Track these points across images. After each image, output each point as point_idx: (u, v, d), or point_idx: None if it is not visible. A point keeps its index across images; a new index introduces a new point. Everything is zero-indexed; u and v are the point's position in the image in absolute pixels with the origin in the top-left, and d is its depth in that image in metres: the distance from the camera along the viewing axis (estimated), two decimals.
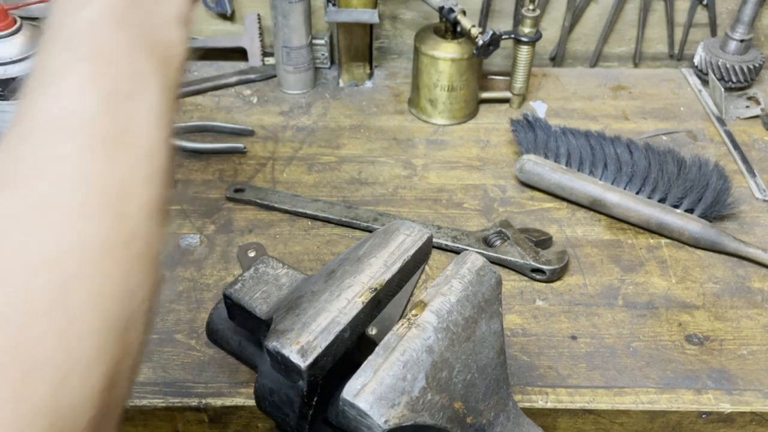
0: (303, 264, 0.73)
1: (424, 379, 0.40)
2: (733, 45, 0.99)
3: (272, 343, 0.42)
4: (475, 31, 0.88)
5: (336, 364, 0.44)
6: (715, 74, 1.00)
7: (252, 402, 0.57)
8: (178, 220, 0.79)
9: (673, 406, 0.61)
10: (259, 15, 1.04)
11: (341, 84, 1.03)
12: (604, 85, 1.05)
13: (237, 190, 0.81)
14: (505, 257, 0.72)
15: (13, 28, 0.75)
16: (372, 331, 0.65)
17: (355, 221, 0.77)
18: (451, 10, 0.90)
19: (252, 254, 0.74)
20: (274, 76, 1.03)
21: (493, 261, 0.72)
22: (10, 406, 0.23)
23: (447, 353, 0.42)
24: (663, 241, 0.78)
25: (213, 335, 0.55)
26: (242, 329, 0.52)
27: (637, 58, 1.11)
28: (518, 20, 1.04)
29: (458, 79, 0.92)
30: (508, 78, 0.99)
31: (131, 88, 0.33)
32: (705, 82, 1.04)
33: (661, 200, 0.78)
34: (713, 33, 1.09)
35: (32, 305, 0.25)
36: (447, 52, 0.91)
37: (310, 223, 0.79)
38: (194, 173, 0.86)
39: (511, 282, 0.72)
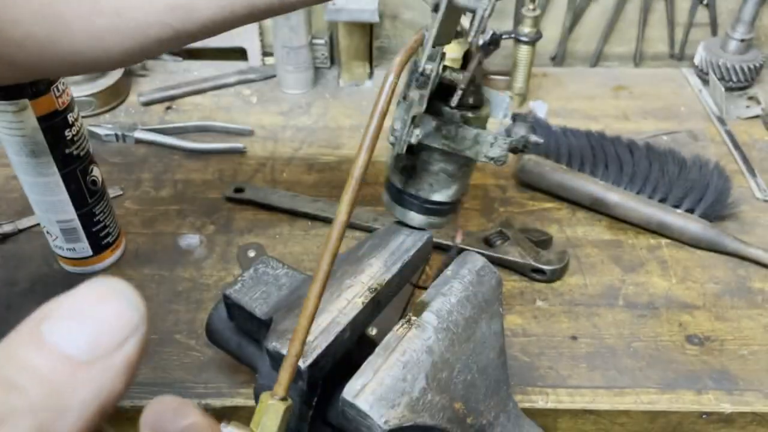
0: (303, 264, 0.73)
1: (425, 380, 0.40)
2: (733, 45, 0.99)
3: (272, 344, 0.42)
4: None
5: (336, 365, 0.44)
6: (715, 74, 1.00)
7: (252, 402, 0.57)
8: (178, 220, 0.79)
9: (673, 407, 0.60)
10: None
11: (341, 84, 1.03)
12: (605, 85, 1.05)
13: (237, 190, 0.81)
14: (505, 257, 0.72)
15: None
16: (372, 331, 0.65)
17: (355, 221, 0.77)
18: None
19: (252, 254, 0.74)
20: (274, 76, 1.03)
21: (494, 261, 0.71)
22: None
23: (447, 354, 0.41)
24: (663, 241, 0.77)
25: (212, 336, 0.55)
26: (242, 330, 0.51)
27: (638, 58, 1.11)
28: (518, 20, 1.04)
29: None
30: (508, 78, 0.99)
31: None
32: (705, 82, 1.03)
33: (662, 200, 0.78)
34: (714, 32, 1.08)
35: None
36: (447, 51, 0.90)
37: (310, 223, 0.79)
38: (194, 173, 0.86)
39: (512, 282, 0.72)
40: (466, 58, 0.42)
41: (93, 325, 0.18)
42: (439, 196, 0.46)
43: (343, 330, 0.43)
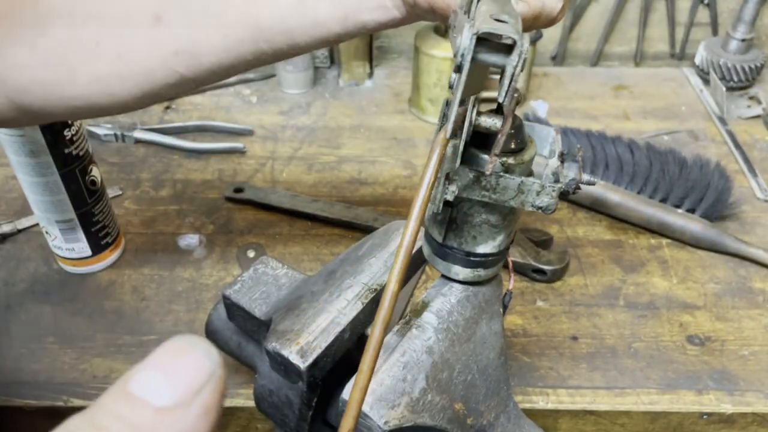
0: (303, 264, 0.73)
1: (425, 380, 0.40)
2: (734, 44, 0.99)
3: (272, 344, 0.42)
4: None
5: (336, 365, 0.44)
6: (716, 74, 1.00)
7: (251, 403, 0.57)
8: (177, 220, 0.78)
9: (674, 407, 0.60)
10: None
11: (341, 83, 1.03)
12: (605, 85, 1.05)
13: (236, 190, 0.81)
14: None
15: None
16: None
17: (355, 221, 0.77)
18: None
19: (251, 254, 0.74)
20: (274, 76, 1.03)
21: None
22: None
23: (447, 354, 0.41)
24: (664, 241, 0.77)
25: (212, 336, 0.55)
26: (241, 330, 0.51)
27: (638, 58, 1.11)
28: None
29: None
30: None
31: None
32: (706, 82, 1.03)
33: (663, 200, 0.78)
34: (714, 32, 1.08)
35: None
36: (447, 51, 0.90)
37: (309, 223, 0.78)
38: (193, 173, 0.86)
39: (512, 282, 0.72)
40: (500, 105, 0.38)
41: (172, 375, 0.20)
42: (485, 248, 0.42)
43: (343, 330, 0.43)
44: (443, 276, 0.44)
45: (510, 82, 0.31)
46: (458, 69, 0.31)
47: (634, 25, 1.08)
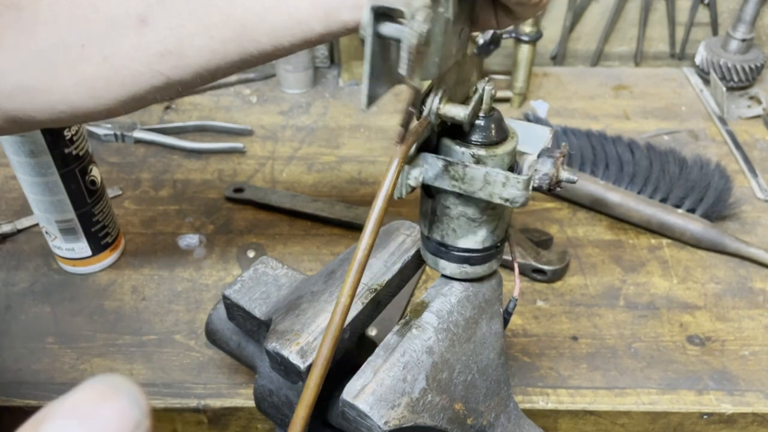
0: (303, 264, 0.73)
1: (425, 380, 0.40)
2: (734, 44, 0.99)
3: (272, 344, 0.42)
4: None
5: (336, 365, 0.44)
6: (716, 73, 1.00)
7: (251, 403, 0.57)
8: (177, 220, 0.78)
9: (674, 407, 0.60)
10: None
11: (341, 83, 1.03)
12: (606, 85, 1.05)
13: (236, 190, 0.81)
14: (505, 257, 0.71)
15: None
16: (372, 331, 0.65)
17: (355, 221, 0.77)
18: None
19: (251, 254, 0.74)
20: (274, 76, 1.03)
21: None
22: None
23: (447, 354, 0.41)
24: (664, 241, 0.77)
25: (212, 336, 0.55)
26: (241, 330, 0.51)
27: (639, 58, 1.11)
28: None
29: None
30: (508, 77, 0.99)
31: None
32: (706, 82, 1.03)
33: (663, 200, 0.78)
34: (715, 32, 1.08)
35: None
36: None
37: (309, 223, 0.78)
38: (193, 173, 0.86)
39: (512, 282, 0.72)
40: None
41: (92, 425, 0.17)
42: (466, 243, 0.42)
43: (343, 330, 0.43)
44: (442, 275, 0.44)
45: (408, 55, 0.29)
46: (363, 43, 0.31)
47: (634, 25, 1.08)
